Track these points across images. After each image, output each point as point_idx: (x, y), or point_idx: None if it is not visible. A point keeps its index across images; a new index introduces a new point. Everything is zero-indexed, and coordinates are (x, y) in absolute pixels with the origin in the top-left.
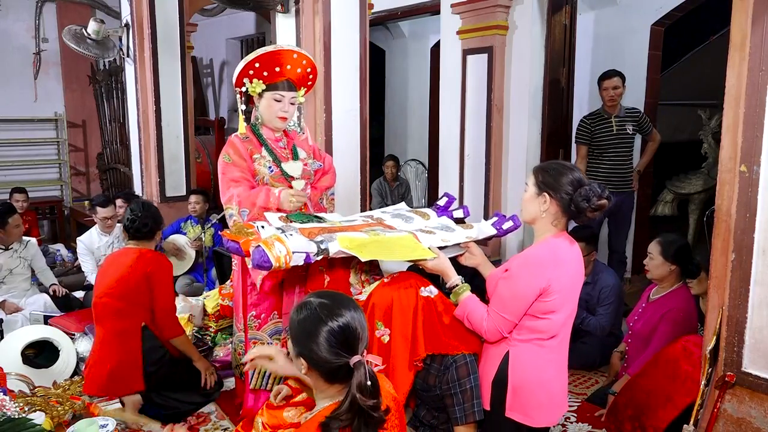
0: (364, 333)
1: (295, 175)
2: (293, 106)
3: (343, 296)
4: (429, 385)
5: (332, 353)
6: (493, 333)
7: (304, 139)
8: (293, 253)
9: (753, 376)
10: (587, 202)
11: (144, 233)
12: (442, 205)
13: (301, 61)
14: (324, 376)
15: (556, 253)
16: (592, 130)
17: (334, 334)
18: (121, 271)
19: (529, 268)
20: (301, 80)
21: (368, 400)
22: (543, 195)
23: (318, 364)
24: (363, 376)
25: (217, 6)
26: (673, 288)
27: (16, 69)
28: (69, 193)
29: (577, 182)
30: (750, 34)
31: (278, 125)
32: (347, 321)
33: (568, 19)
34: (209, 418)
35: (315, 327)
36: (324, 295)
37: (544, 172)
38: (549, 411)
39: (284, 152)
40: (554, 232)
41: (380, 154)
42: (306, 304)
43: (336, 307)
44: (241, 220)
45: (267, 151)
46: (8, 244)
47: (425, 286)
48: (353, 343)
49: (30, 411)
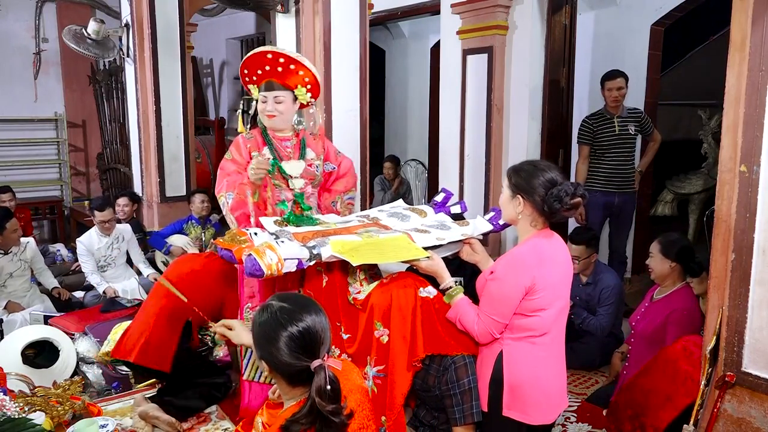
0: (326, 336)
1: (293, 174)
2: (282, 105)
3: (305, 299)
4: (428, 385)
5: (293, 357)
6: (484, 335)
7: (316, 140)
8: (285, 260)
9: (753, 376)
10: (559, 202)
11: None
12: (440, 201)
13: (278, 59)
14: (286, 379)
15: (539, 252)
16: (594, 130)
17: (294, 339)
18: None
19: (512, 268)
20: (287, 78)
21: (327, 405)
22: (517, 197)
23: (279, 368)
24: (323, 380)
25: (217, 6)
26: (675, 288)
27: (16, 69)
28: (69, 193)
29: (548, 183)
30: (750, 34)
31: (267, 123)
32: (307, 326)
33: (568, 19)
34: (209, 418)
35: (275, 331)
36: (285, 298)
37: (517, 174)
38: (547, 408)
39: (288, 151)
40: (535, 231)
41: (380, 154)
42: (267, 308)
43: (296, 312)
44: (228, 204)
45: (269, 150)
46: (7, 248)
47: (424, 287)
48: (313, 348)
49: (30, 411)
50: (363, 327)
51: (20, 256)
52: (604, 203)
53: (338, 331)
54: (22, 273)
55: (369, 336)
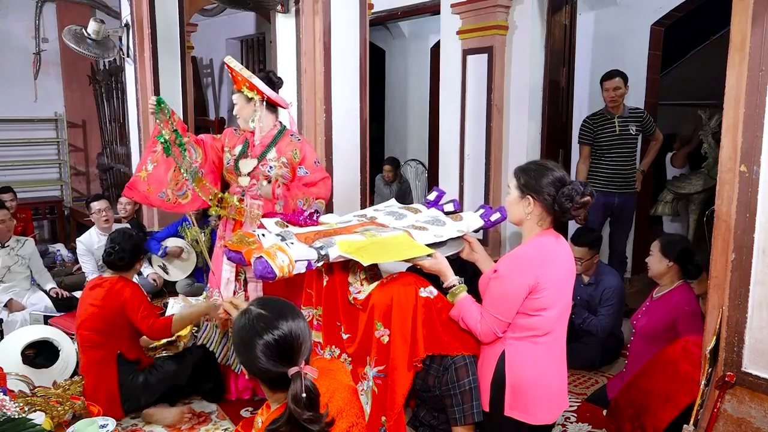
0: (305, 342)
1: (243, 171)
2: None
3: (284, 305)
4: (428, 385)
5: (269, 364)
6: (488, 334)
7: (287, 143)
8: (296, 262)
9: (753, 376)
10: (571, 201)
11: (120, 266)
12: (433, 200)
13: (231, 71)
14: (265, 384)
15: (543, 251)
16: (595, 130)
17: (270, 347)
18: (95, 305)
19: (516, 267)
20: (236, 83)
21: (303, 412)
22: (526, 198)
23: (257, 374)
24: (298, 388)
25: (217, 6)
26: (674, 286)
27: (16, 69)
28: (69, 193)
29: (558, 182)
30: (750, 34)
31: (241, 125)
32: (284, 333)
33: (568, 19)
34: (209, 418)
35: (251, 338)
36: (264, 304)
37: (525, 174)
38: (548, 408)
39: (257, 150)
40: (540, 231)
41: (380, 154)
42: (246, 313)
43: (274, 319)
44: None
45: (242, 147)
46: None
47: (425, 287)
48: (291, 355)
49: (30, 411)
50: (363, 327)
51: (18, 251)
52: (603, 204)
53: (338, 331)
54: (20, 269)
55: (369, 336)
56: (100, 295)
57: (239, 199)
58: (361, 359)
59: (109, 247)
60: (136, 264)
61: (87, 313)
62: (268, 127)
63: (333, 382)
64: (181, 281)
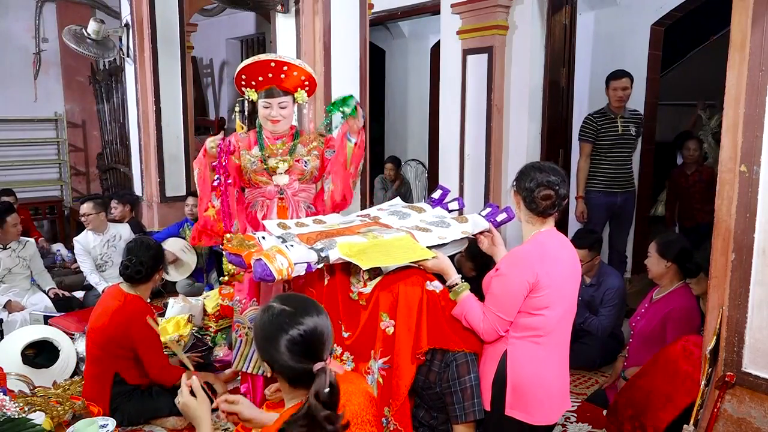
0: (329, 337)
1: (279, 169)
2: (286, 110)
3: (306, 301)
4: (430, 381)
5: (294, 360)
6: (490, 332)
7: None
8: (295, 265)
9: (753, 376)
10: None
11: (138, 279)
12: (437, 198)
13: (282, 68)
14: (287, 381)
15: (542, 248)
16: (598, 128)
17: (295, 343)
18: (104, 318)
19: (515, 264)
20: (291, 84)
21: (322, 410)
22: (516, 197)
23: (280, 370)
24: (323, 382)
25: (217, 6)
26: (673, 287)
27: (16, 69)
28: (69, 193)
29: (536, 180)
30: (750, 34)
31: (270, 128)
32: (309, 328)
33: (568, 19)
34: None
35: (275, 334)
36: (286, 300)
37: (518, 173)
38: (549, 408)
39: (280, 150)
40: (539, 230)
41: (380, 154)
42: (268, 309)
43: (298, 315)
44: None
45: (259, 148)
46: (6, 243)
47: (431, 281)
48: (316, 350)
49: (30, 411)
50: (366, 320)
51: (19, 252)
52: (606, 203)
53: (339, 330)
54: (21, 270)
55: (373, 329)
56: (111, 309)
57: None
58: (362, 353)
59: (126, 258)
60: (155, 275)
61: (96, 323)
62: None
63: (350, 386)
64: (182, 281)
